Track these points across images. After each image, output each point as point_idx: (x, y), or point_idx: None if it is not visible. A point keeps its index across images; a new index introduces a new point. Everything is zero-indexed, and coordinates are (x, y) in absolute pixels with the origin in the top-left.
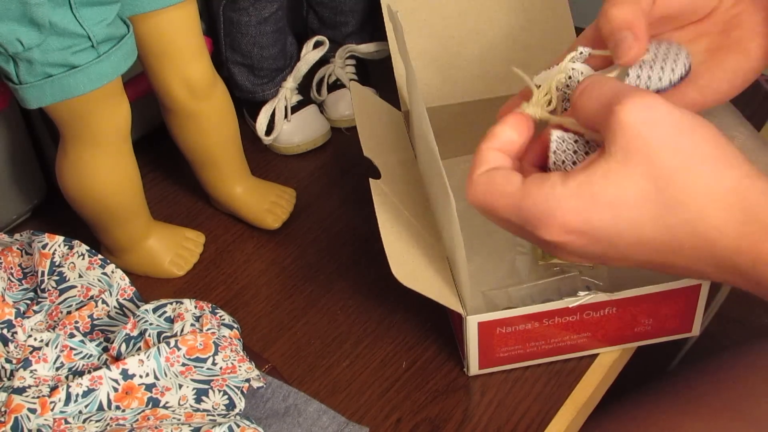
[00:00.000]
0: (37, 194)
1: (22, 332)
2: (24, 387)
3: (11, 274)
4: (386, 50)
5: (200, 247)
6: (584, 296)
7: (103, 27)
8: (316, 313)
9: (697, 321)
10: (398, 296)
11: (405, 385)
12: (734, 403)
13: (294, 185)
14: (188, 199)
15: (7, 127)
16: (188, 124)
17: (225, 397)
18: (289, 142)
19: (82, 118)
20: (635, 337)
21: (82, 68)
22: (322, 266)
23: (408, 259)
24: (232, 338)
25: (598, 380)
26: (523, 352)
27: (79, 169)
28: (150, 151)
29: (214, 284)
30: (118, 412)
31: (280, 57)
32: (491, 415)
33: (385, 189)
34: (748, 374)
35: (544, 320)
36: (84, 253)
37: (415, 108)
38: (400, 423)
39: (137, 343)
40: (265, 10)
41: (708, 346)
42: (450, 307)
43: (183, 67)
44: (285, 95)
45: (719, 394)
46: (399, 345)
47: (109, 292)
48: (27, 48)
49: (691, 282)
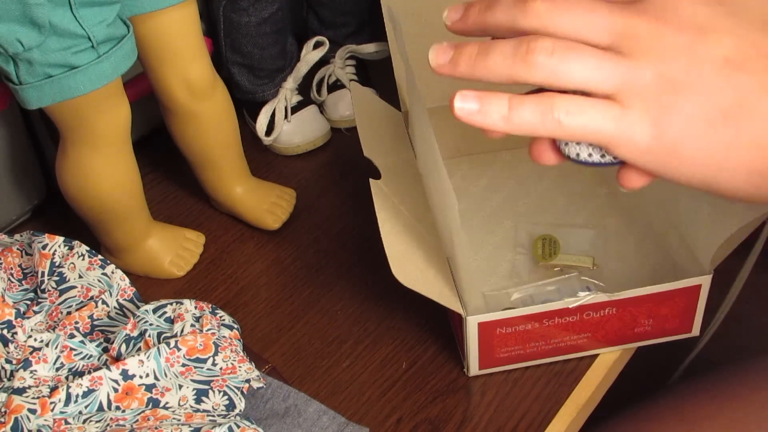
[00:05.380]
0: (37, 194)
1: (22, 333)
2: (24, 387)
3: (11, 275)
4: (386, 50)
5: (200, 247)
6: (584, 296)
7: (103, 27)
8: (316, 314)
9: (697, 321)
10: (398, 297)
11: (405, 386)
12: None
13: (294, 185)
14: (188, 200)
15: (7, 127)
16: (188, 124)
17: (225, 397)
18: (289, 143)
19: (82, 118)
20: (635, 338)
21: (82, 69)
22: (322, 267)
23: (408, 259)
24: (232, 339)
25: (598, 381)
26: (523, 353)
27: (79, 170)
28: (150, 152)
29: (214, 285)
30: (118, 412)
31: (280, 57)
32: (491, 415)
33: (385, 189)
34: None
35: (544, 321)
36: (84, 254)
37: (415, 108)
38: (400, 423)
39: (137, 344)
40: (265, 10)
41: (710, 348)
42: (450, 308)
43: (183, 68)
44: (285, 96)
45: (721, 413)
46: (399, 345)
47: (109, 293)
48: (27, 48)
49: (691, 282)
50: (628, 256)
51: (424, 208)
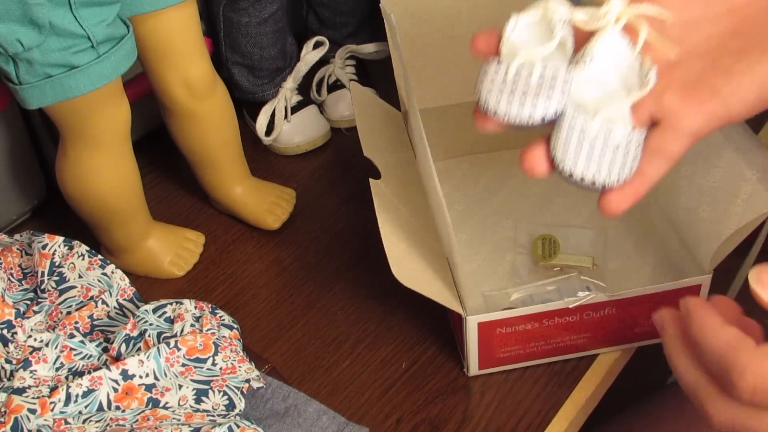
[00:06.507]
0: (37, 194)
1: (22, 333)
2: (24, 387)
3: (11, 275)
4: (386, 50)
5: (200, 247)
6: (584, 296)
7: (103, 27)
8: (316, 314)
9: None
10: (398, 296)
11: (405, 386)
12: None
13: (294, 185)
14: (188, 200)
15: (7, 127)
16: (188, 124)
17: (225, 397)
18: (289, 143)
19: (82, 118)
20: (635, 338)
21: (82, 68)
22: (322, 266)
23: (408, 259)
24: (232, 338)
25: (598, 380)
26: (523, 353)
27: (79, 170)
28: (150, 152)
29: (214, 284)
30: (118, 412)
31: (280, 57)
32: (491, 415)
33: (385, 189)
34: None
35: (544, 321)
36: (84, 254)
37: (413, 109)
38: (400, 423)
39: (137, 344)
40: (265, 10)
41: None
42: (450, 308)
43: (183, 68)
44: (285, 96)
45: None
46: (399, 345)
47: (109, 293)
48: (27, 48)
49: (691, 282)
50: (628, 256)
51: (424, 208)
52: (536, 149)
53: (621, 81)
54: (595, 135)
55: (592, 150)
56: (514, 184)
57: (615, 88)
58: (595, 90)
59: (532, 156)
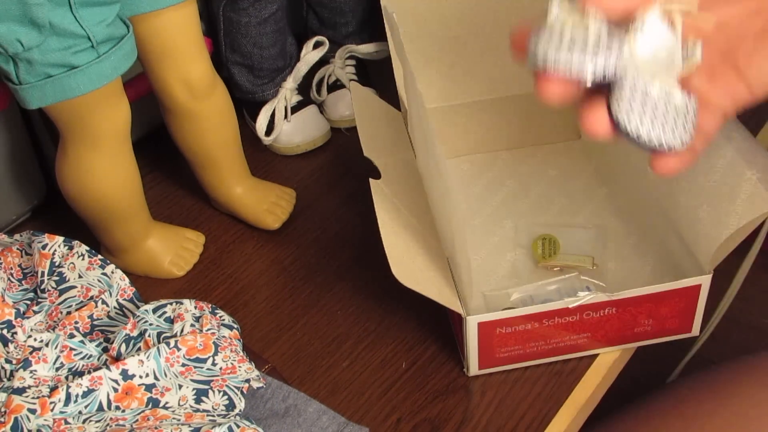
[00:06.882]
0: (37, 194)
1: (22, 332)
2: (24, 387)
3: (11, 275)
4: (386, 50)
5: (200, 247)
6: (584, 296)
7: (103, 27)
8: (316, 314)
9: (697, 321)
10: (398, 296)
11: (405, 386)
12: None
13: (294, 185)
14: (188, 200)
15: (7, 127)
16: (188, 124)
17: (225, 397)
18: (289, 143)
19: (82, 118)
20: (635, 338)
21: (82, 68)
22: (322, 266)
23: (408, 259)
24: (232, 338)
25: (598, 381)
26: (523, 353)
27: (79, 170)
28: (150, 151)
29: (214, 284)
30: (118, 412)
31: (279, 57)
32: (491, 415)
33: (385, 189)
34: (749, 390)
35: (544, 321)
36: (84, 254)
37: (414, 109)
38: (400, 423)
39: (137, 344)
40: (265, 10)
41: (709, 347)
42: (450, 308)
43: (183, 68)
44: (285, 95)
45: (724, 408)
46: (399, 345)
47: (109, 293)
48: (27, 48)
49: (691, 282)
50: (628, 256)
51: (424, 208)
52: (596, 110)
53: (668, 53)
54: (657, 97)
55: (656, 112)
56: (514, 184)
57: (664, 58)
58: (649, 57)
59: (594, 117)
